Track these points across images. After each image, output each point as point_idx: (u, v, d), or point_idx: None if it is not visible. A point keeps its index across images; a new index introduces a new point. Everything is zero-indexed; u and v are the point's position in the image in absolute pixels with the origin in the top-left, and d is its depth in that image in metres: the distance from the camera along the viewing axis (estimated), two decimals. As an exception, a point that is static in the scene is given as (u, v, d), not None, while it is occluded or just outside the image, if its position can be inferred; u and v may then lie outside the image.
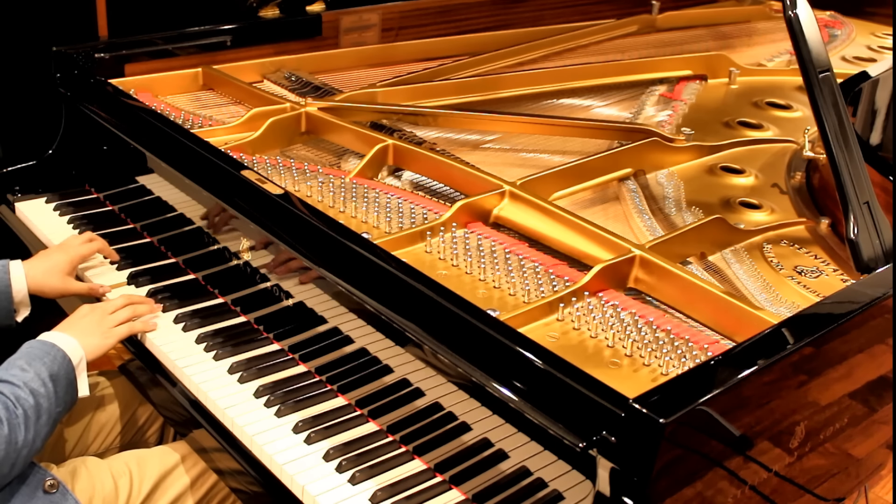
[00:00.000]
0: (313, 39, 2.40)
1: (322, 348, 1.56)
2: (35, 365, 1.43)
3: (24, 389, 1.39)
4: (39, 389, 1.40)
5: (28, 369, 1.42)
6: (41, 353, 1.46)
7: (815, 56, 1.50)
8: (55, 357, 1.46)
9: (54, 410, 1.43)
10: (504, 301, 1.48)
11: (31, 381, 1.40)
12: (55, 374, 1.44)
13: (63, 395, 1.45)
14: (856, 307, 1.36)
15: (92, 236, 1.81)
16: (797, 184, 1.92)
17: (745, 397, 1.20)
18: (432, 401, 1.40)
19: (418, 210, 1.72)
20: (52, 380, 1.43)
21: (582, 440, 1.15)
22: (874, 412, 1.53)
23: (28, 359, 1.44)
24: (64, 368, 1.46)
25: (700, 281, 1.46)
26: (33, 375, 1.41)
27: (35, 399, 1.39)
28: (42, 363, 1.44)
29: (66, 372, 1.47)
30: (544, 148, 2.05)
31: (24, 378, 1.40)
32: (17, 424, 1.36)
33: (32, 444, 1.38)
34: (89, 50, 2.11)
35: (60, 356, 1.47)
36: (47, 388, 1.42)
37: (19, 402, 1.37)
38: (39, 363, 1.43)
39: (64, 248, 1.76)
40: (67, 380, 1.47)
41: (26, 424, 1.37)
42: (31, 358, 1.44)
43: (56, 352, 1.47)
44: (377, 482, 1.34)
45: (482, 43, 2.54)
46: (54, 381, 1.43)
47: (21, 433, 1.36)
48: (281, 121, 2.00)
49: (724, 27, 2.85)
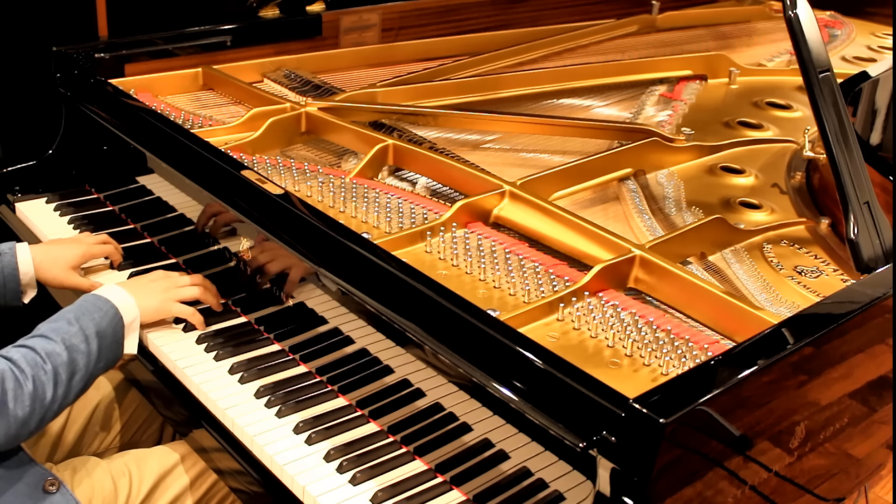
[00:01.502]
0: (313, 39, 2.40)
1: (323, 349, 1.56)
2: (83, 320, 1.44)
3: (61, 345, 1.39)
4: (80, 346, 1.41)
5: (74, 323, 1.43)
6: (94, 307, 1.47)
7: (815, 56, 1.50)
8: (106, 313, 1.47)
9: (93, 367, 1.44)
10: (504, 301, 1.48)
11: (72, 336, 1.41)
12: (102, 330, 1.45)
13: (106, 352, 1.46)
14: (856, 307, 1.36)
15: (107, 239, 1.81)
16: (797, 184, 1.92)
17: (745, 397, 1.20)
18: (433, 401, 1.40)
19: (418, 210, 1.72)
20: (97, 336, 1.44)
21: (582, 440, 1.15)
22: (874, 412, 1.53)
23: (78, 312, 1.45)
24: (113, 325, 1.48)
25: (700, 281, 1.46)
26: (77, 330, 1.42)
27: (70, 355, 1.39)
28: (91, 318, 1.45)
29: (115, 329, 1.48)
30: (544, 148, 2.05)
31: (67, 333, 1.41)
32: (45, 381, 1.36)
33: (63, 399, 1.39)
34: (89, 50, 2.11)
35: (112, 312, 1.48)
36: (89, 346, 1.42)
37: (49, 358, 1.37)
38: (88, 318, 1.44)
39: (77, 242, 1.76)
40: (114, 337, 1.48)
41: (56, 380, 1.37)
42: (82, 312, 1.45)
43: (109, 307, 1.48)
44: (378, 483, 1.34)
45: (482, 43, 2.54)
46: (100, 338, 1.44)
47: (49, 390, 1.36)
48: (281, 121, 2.00)
49: (724, 27, 2.85)
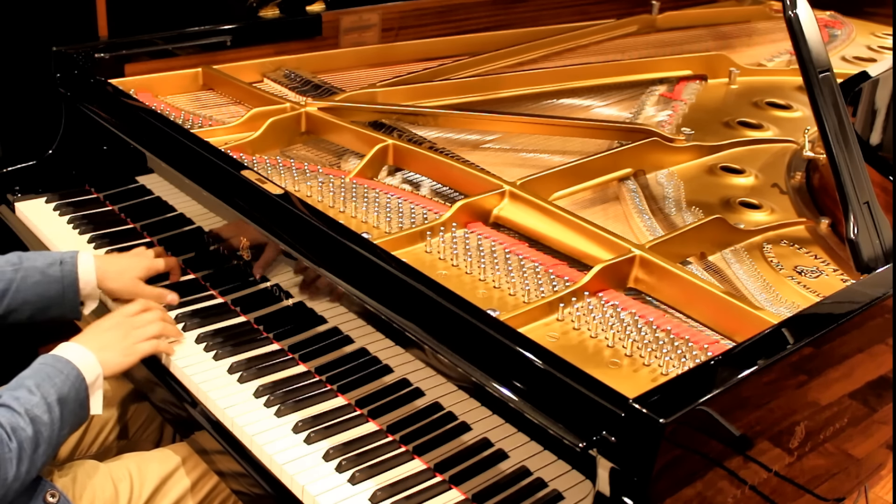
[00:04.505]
0: (313, 39, 2.40)
1: (322, 348, 1.56)
2: (44, 387, 1.35)
3: (25, 418, 1.31)
4: (42, 417, 1.33)
5: (35, 392, 1.34)
6: (54, 371, 1.38)
7: (815, 56, 1.50)
8: (68, 377, 1.39)
9: (56, 436, 1.36)
10: (504, 301, 1.48)
11: (34, 406, 1.33)
12: (64, 396, 1.37)
13: (69, 417, 1.39)
14: (856, 307, 1.36)
15: (161, 251, 1.79)
16: (797, 184, 1.92)
17: (745, 397, 1.20)
18: (432, 401, 1.40)
19: (418, 210, 1.72)
20: (59, 403, 1.36)
21: (582, 440, 1.15)
22: (874, 412, 1.53)
23: (38, 378, 1.37)
24: (75, 389, 1.39)
25: (700, 281, 1.46)
26: (39, 400, 1.34)
27: (35, 428, 1.32)
28: (52, 384, 1.36)
29: (78, 392, 1.40)
30: (544, 148, 2.05)
31: (29, 403, 1.33)
32: (8, 459, 1.28)
33: (27, 475, 1.32)
34: (89, 50, 2.11)
35: (74, 375, 1.40)
36: (52, 415, 1.34)
37: (15, 434, 1.30)
38: (49, 384, 1.36)
39: (139, 256, 1.73)
40: (77, 401, 1.40)
41: (20, 457, 1.30)
42: (42, 378, 1.37)
43: (70, 370, 1.40)
44: (377, 482, 1.34)
45: (482, 43, 2.54)
46: (62, 405, 1.36)
47: (12, 468, 1.29)
48: (281, 121, 2.00)
49: (724, 27, 2.85)
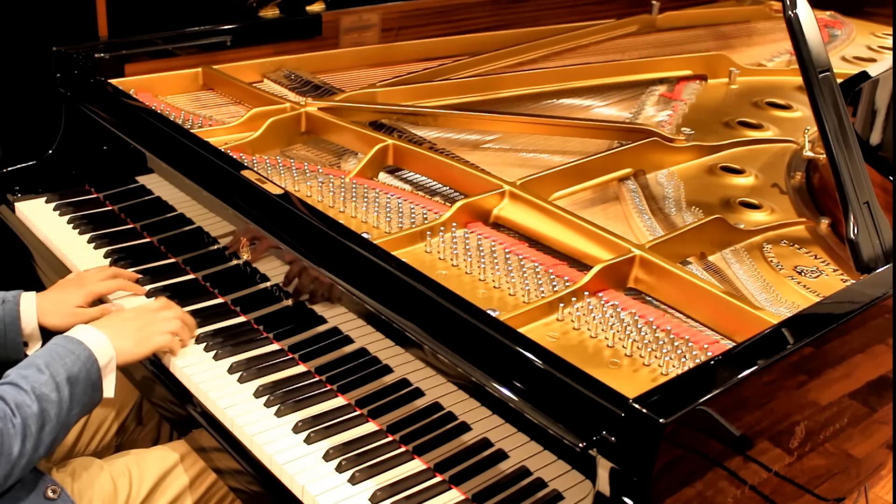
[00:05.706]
0: (313, 39, 2.40)
1: (322, 348, 1.56)
2: (53, 366, 1.35)
3: (31, 395, 1.31)
4: (50, 395, 1.32)
5: (44, 371, 1.34)
6: (65, 351, 1.38)
7: (815, 56, 1.50)
8: (78, 357, 1.38)
9: (66, 415, 1.35)
10: (504, 301, 1.48)
11: (42, 385, 1.32)
12: (74, 375, 1.36)
13: (81, 397, 1.38)
14: (856, 307, 1.36)
15: (116, 272, 1.73)
16: (797, 184, 1.92)
17: (745, 397, 1.20)
18: (432, 401, 1.40)
19: (418, 210, 1.72)
20: (69, 382, 1.35)
21: (582, 440, 1.15)
22: (874, 412, 1.53)
23: (48, 358, 1.36)
24: (86, 370, 1.38)
25: (700, 281, 1.46)
26: (48, 378, 1.33)
27: (41, 406, 1.31)
28: (62, 364, 1.36)
29: (89, 373, 1.39)
30: (544, 148, 2.05)
31: (36, 382, 1.32)
32: (11, 434, 1.28)
33: (33, 453, 1.31)
34: (89, 50, 2.11)
35: (85, 356, 1.39)
36: (60, 394, 1.34)
37: (19, 411, 1.29)
38: (59, 363, 1.36)
39: (81, 283, 1.67)
40: (89, 382, 1.39)
41: (24, 434, 1.29)
42: (52, 357, 1.36)
43: (81, 351, 1.39)
44: (377, 482, 1.34)
45: (482, 43, 2.54)
46: (71, 384, 1.35)
47: (16, 444, 1.28)
48: (281, 121, 2.00)
49: (724, 27, 2.85)
